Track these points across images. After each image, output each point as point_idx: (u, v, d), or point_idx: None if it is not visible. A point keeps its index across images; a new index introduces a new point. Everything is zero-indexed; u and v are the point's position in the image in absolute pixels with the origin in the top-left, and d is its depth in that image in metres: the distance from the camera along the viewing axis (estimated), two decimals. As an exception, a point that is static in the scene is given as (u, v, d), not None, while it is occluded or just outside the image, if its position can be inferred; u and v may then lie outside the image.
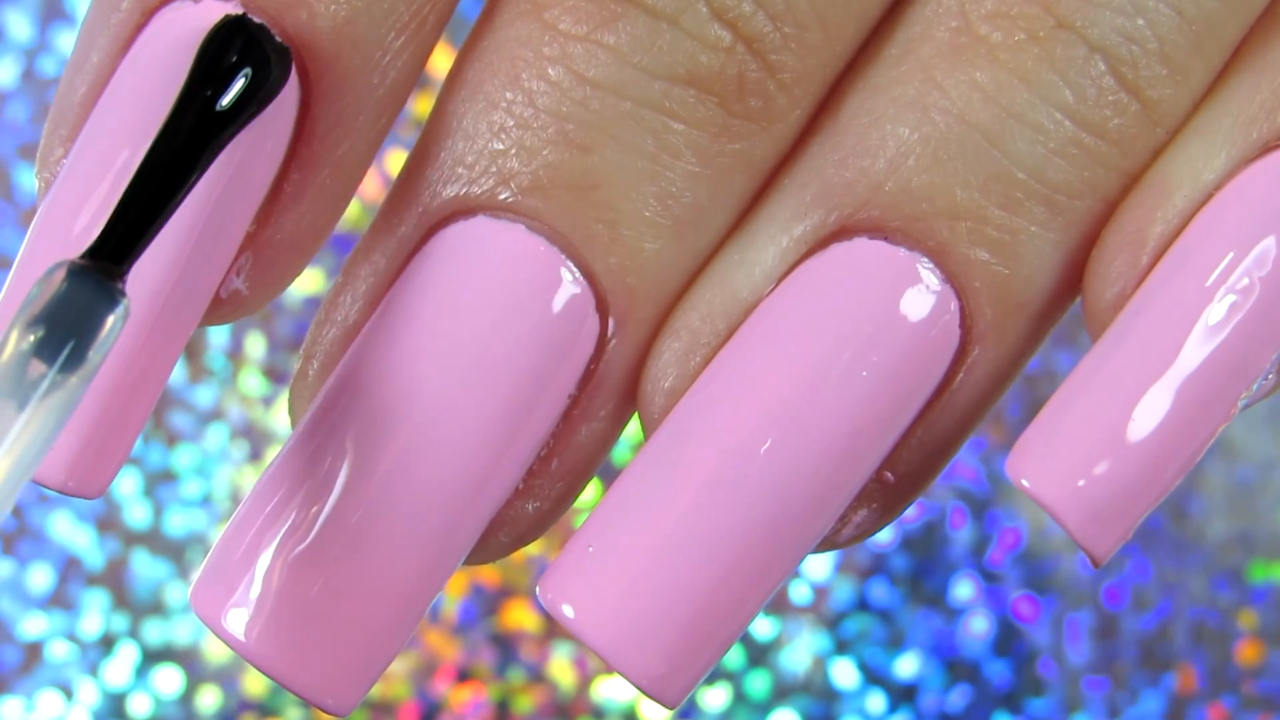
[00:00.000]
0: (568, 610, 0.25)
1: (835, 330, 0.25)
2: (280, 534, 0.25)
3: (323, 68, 0.25)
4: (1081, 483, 0.24)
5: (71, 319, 0.22)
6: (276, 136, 0.25)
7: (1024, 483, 0.25)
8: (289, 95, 0.24)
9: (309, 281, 0.71)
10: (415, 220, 0.25)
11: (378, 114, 0.25)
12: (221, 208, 0.24)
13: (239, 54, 0.23)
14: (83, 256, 0.23)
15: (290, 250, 0.26)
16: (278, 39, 0.24)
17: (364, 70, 0.25)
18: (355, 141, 0.25)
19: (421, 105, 0.71)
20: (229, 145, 0.23)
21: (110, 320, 0.22)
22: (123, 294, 0.23)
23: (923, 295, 0.25)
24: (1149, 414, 0.24)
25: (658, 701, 0.25)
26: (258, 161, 0.25)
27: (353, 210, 0.71)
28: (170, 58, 0.24)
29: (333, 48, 0.25)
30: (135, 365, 0.25)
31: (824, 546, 0.26)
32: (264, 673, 0.25)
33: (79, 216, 0.24)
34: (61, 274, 0.22)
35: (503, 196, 0.25)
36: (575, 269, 0.25)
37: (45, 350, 0.22)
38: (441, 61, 0.71)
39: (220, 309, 0.26)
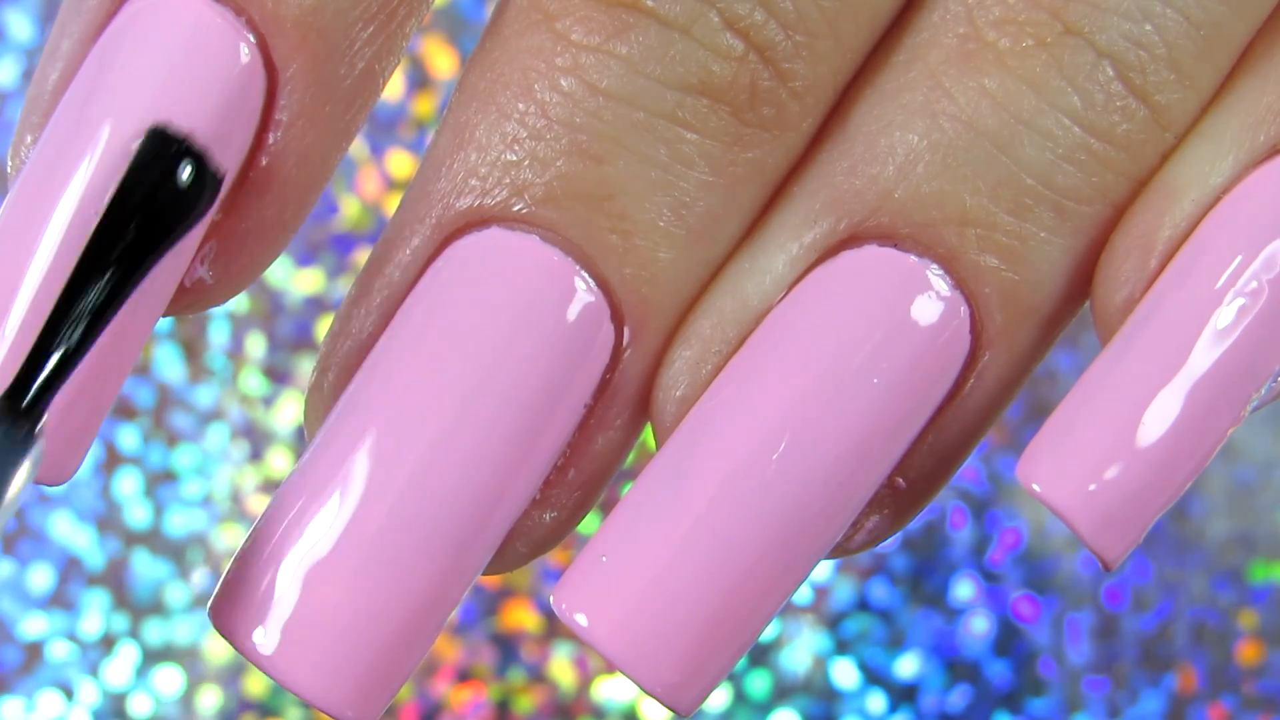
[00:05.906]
0: (581, 619, 0.25)
1: (846, 337, 0.25)
2: (299, 547, 0.25)
3: (288, 56, 0.24)
4: (1093, 487, 0.24)
5: None
6: (244, 124, 0.24)
7: (1035, 487, 0.25)
8: (255, 82, 0.24)
9: (310, 282, 0.71)
10: (428, 232, 0.25)
11: (346, 105, 0.25)
12: None
13: (173, 186, 0.23)
14: None
15: (256, 240, 0.25)
16: (217, 165, 0.24)
17: (330, 60, 0.25)
18: (322, 132, 0.25)
19: (422, 105, 0.71)
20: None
21: (23, 469, 0.23)
22: (36, 439, 0.23)
23: (933, 301, 0.25)
24: (1159, 418, 0.24)
25: (672, 710, 0.25)
26: (225, 149, 0.24)
27: (353, 210, 0.71)
28: (139, 45, 0.24)
29: (298, 36, 0.24)
30: (99, 355, 0.24)
31: (836, 553, 0.26)
32: (285, 687, 0.25)
33: (44, 205, 0.24)
34: None
35: (517, 208, 0.25)
36: (590, 279, 0.25)
37: None
38: (442, 62, 0.71)
39: (185, 298, 0.25)
